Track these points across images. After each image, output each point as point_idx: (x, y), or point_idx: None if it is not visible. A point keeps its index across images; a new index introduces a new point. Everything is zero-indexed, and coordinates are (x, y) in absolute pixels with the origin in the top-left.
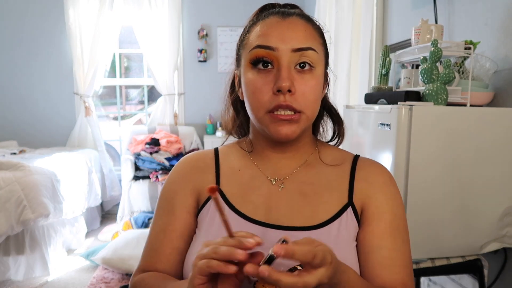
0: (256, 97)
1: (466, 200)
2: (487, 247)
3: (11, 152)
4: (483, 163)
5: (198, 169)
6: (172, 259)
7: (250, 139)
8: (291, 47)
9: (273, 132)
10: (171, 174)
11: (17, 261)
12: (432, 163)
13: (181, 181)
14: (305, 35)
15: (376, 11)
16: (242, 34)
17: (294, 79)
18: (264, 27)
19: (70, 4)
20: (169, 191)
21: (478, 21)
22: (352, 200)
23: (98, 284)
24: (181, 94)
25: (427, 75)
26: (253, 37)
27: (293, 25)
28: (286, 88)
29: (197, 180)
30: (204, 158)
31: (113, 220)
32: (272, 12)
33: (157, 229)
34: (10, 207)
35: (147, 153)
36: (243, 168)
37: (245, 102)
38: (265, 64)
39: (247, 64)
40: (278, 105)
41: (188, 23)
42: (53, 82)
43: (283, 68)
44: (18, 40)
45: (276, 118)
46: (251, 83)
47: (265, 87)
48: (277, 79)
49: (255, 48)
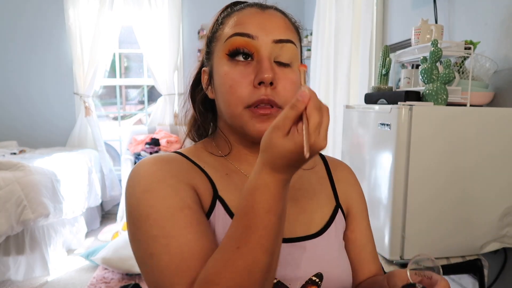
0: (234, 91)
1: (466, 200)
2: (487, 247)
3: (11, 152)
4: (483, 163)
5: (186, 170)
6: (207, 232)
7: (223, 141)
8: (272, 38)
9: (252, 129)
10: (153, 172)
11: (17, 261)
12: (432, 163)
13: (174, 179)
14: (285, 27)
15: (376, 11)
16: (213, 27)
17: (275, 72)
18: (242, 17)
19: (70, 4)
20: (168, 188)
21: (478, 21)
22: (339, 202)
23: (98, 284)
24: (181, 94)
25: (427, 75)
26: (229, 27)
27: (273, 16)
28: (269, 80)
29: (192, 179)
30: (179, 160)
31: (113, 220)
32: (249, 4)
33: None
34: (10, 207)
35: (147, 153)
36: (229, 172)
37: (216, 99)
38: (245, 56)
39: (222, 56)
40: (259, 99)
41: (188, 23)
42: (53, 82)
43: (264, 59)
44: (18, 40)
45: (256, 113)
46: (227, 76)
47: (244, 80)
48: (258, 71)
49: (232, 36)
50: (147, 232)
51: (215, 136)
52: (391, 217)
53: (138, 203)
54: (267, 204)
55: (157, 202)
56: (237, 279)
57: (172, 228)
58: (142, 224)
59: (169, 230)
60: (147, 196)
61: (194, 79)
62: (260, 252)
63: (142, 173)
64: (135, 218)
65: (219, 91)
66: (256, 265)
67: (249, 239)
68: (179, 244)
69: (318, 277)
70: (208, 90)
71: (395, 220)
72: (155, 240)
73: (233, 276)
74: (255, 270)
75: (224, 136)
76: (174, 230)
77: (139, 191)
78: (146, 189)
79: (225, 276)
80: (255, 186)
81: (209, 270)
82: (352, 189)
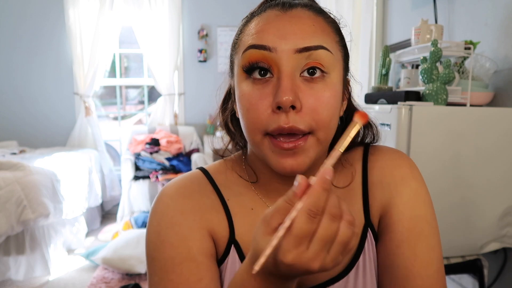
0: (251, 116)
1: (466, 200)
2: (487, 247)
3: (11, 152)
4: (483, 163)
5: (205, 208)
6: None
7: (250, 165)
8: (293, 47)
9: (274, 165)
10: (168, 212)
11: (18, 261)
12: (432, 163)
13: (188, 222)
14: (313, 30)
15: (376, 11)
16: (235, 37)
17: (299, 90)
18: (259, 23)
19: (70, 4)
20: (176, 236)
21: (478, 21)
22: (369, 218)
23: (98, 284)
24: (181, 94)
25: (427, 75)
26: (247, 36)
27: (297, 18)
28: (288, 103)
29: (210, 222)
30: (202, 192)
31: (113, 220)
32: (271, 4)
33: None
34: (10, 207)
35: (147, 153)
36: (255, 206)
37: (240, 121)
38: (262, 71)
39: (240, 71)
40: (279, 128)
41: (188, 23)
42: (53, 82)
43: (283, 76)
44: (18, 40)
45: (277, 146)
46: (244, 97)
47: (262, 103)
48: (277, 91)
49: (247, 50)
50: (151, 276)
51: (246, 156)
52: None
53: (149, 241)
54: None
55: (163, 248)
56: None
57: (170, 281)
58: (149, 265)
59: (166, 284)
60: (155, 238)
61: (225, 94)
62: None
63: (158, 207)
64: (147, 253)
65: (240, 114)
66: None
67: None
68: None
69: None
70: (235, 107)
71: None
72: (154, 287)
73: None
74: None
75: (251, 158)
76: (170, 284)
77: (151, 229)
78: (156, 230)
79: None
80: (240, 283)
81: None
82: (393, 192)
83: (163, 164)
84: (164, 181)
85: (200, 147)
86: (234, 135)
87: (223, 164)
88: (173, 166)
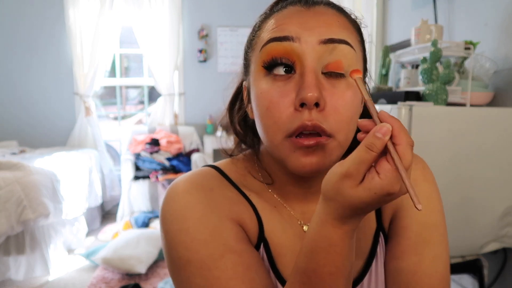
0: (271, 115)
1: (466, 200)
2: (487, 247)
3: (11, 152)
4: (483, 163)
5: (230, 200)
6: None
7: (265, 167)
8: (318, 38)
9: (294, 164)
10: (191, 207)
11: (17, 261)
12: (432, 163)
13: (216, 213)
14: (338, 25)
15: (376, 11)
16: (251, 34)
17: (323, 88)
18: (280, 19)
19: (70, 4)
20: (207, 230)
21: (478, 21)
22: (381, 222)
23: (98, 284)
24: (181, 94)
25: (427, 75)
26: (266, 32)
27: (320, 14)
28: (313, 100)
29: (238, 213)
30: (221, 186)
31: (113, 220)
32: (292, 1)
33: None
34: (10, 207)
35: (147, 153)
36: (277, 205)
37: (256, 122)
38: (286, 67)
39: (258, 69)
40: (302, 125)
41: (188, 23)
42: (53, 82)
43: (307, 72)
44: (18, 40)
45: (298, 144)
46: (263, 95)
47: (283, 100)
48: (300, 87)
49: (268, 43)
50: (189, 279)
51: (259, 156)
52: None
53: (175, 243)
54: (333, 266)
55: (197, 246)
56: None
57: (216, 279)
58: (183, 269)
59: (212, 282)
60: (184, 237)
61: (233, 95)
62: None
63: (176, 204)
64: (175, 259)
65: (257, 114)
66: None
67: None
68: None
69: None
70: (248, 109)
71: None
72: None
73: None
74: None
75: (265, 160)
76: (218, 282)
77: (174, 229)
78: (182, 227)
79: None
80: (318, 243)
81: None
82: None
83: (163, 164)
84: (164, 181)
85: (200, 147)
86: (244, 136)
87: (233, 163)
88: (173, 166)
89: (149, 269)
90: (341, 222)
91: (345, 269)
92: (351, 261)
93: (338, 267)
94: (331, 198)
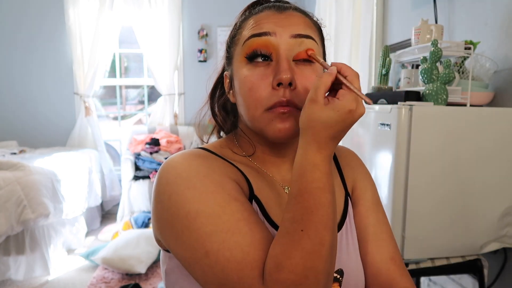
0: (253, 94)
1: (466, 200)
2: (487, 247)
3: (11, 152)
4: (483, 163)
5: (223, 166)
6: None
7: (246, 142)
8: (290, 33)
9: (272, 131)
10: (193, 169)
11: (17, 261)
12: (432, 163)
13: (216, 173)
14: (304, 25)
15: (376, 11)
16: (232, 31)
17: (294, 72)
18: (258, 19)
19: (70, 4)
20: (212, 183)
21: (478, 21)
22: (347, 190)
23: (98, 284)
24: (181, 94)
25: (427, 75)
26: (247, 30)
27: (291, 16)
28: (288, 80)
29: (232, 175)
30: (213, 157)
31: (113, 220)
32: (266, 6)
33: (227, 223)
34: (10, 207)
35: (147, 153)
36: (260, 171)
37: (238, 103)
38: (264, 57)
39: (241, 59)
40: (278, 101)
41: (188, 23)
42: (53, 82)
43: (282, 59)
44: (18, 40)
45: (275, 112)
46: (247, 79)
47: (263, 82)
48: (277, 71)
49: (249, 39)
50: (199, 230)
51: (236, 136)
52: (391, 217)
53: (183, 201)
54: (320, 182)
55: (206, 197)
56: (307, 260)
57: (226, 223)
58: (192, 222)
59: (222, 226)
60: (193, 192)
61: (214, 84)
62: (324, 231)
63: (181, 170)
64: (181, 217)
65: (239, 95)
66: (322, 244)
67: (311, 220)
68: (237, 238)
69: (339, 273)
70: (229, 94)
71: (395, 220)
72: (210, 237)
73: (303, 258)
74: (323, 248)
75: (246, 137)
76: (228, 224)
77: (182, 188)
78: (190, 185)
79: (295, 259)
80: (304, 167)
81: (279, 256)
82: (356, 172)
83: None
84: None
85: None
86: (224, 120)
87: (217, 144)
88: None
89: (149, 269)
90: (320, 147)
91: (330, 185)
92: (332, 180)
93: (324, 183)
94: (306, 126)
